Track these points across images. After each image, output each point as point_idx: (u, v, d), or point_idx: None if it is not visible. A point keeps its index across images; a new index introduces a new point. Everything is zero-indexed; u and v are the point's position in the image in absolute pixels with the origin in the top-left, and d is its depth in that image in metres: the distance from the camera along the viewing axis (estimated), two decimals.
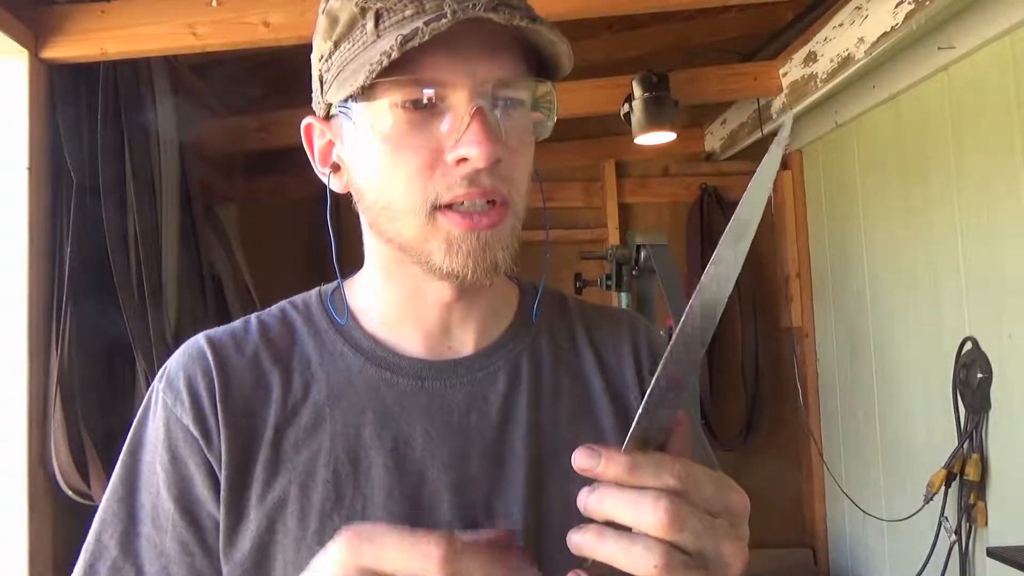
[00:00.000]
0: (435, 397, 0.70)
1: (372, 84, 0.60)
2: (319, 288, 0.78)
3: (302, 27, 1.93)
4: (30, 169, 1.88)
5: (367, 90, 0.61)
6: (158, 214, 2.22)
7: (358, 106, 0.63)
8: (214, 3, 1.96)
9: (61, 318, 1.90)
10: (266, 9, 1.96)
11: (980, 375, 2.12)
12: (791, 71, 2.66)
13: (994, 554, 1.88)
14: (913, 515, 2.42)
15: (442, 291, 0.69)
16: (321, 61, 0.68)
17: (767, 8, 2.89)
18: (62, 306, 1.90)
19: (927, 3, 1.87)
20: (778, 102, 2.82)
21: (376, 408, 0.69)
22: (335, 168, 0.71)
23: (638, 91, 2.64)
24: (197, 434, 0.67)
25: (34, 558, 1.81)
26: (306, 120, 0.72)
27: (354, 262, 0.76)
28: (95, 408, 1.96)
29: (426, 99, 0.61)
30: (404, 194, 0.63)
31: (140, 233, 2.10)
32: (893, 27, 2.02)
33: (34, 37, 1.94)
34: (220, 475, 0.66)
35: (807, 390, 3.31)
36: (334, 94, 0.65)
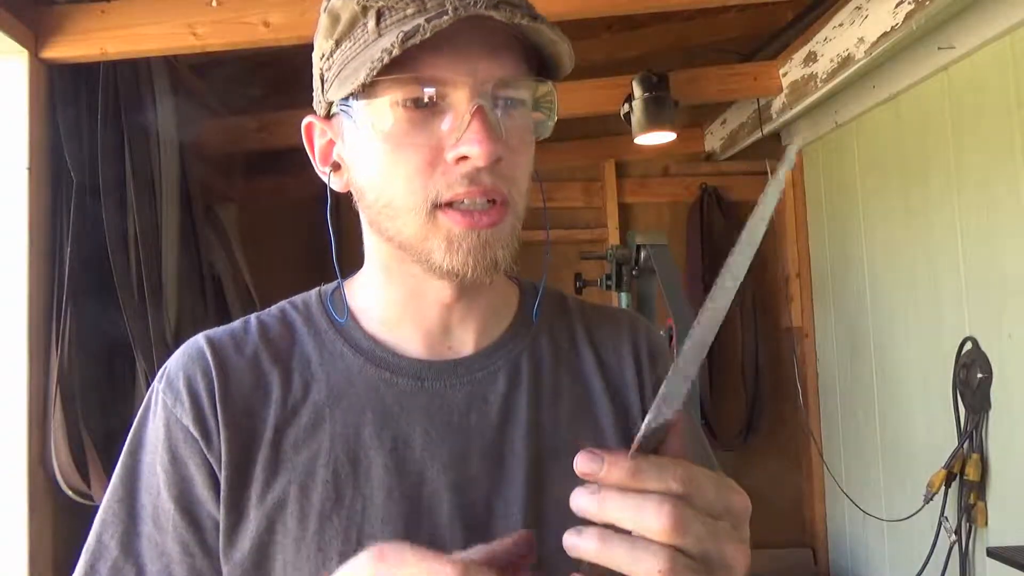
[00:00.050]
0: (435, 397, 0.70)
1: (373, 82, 0.60)
2: (319, 288, 0.78)
3: (302, 27, 1.93)
4: (30, 169, 1.88)
5: (368, 88, 0.61)
6: (158, 214, 2.22)
7: (359, 104, 0.63)
8: (214, 3, 1.96)
9: (61, 318, 1.90)
10: (266, 9, 1.96)
11: (980, 375, 2.12)
12: (791, 71, 2.66)
13: (994, 554, 1.88)
14: (913, 515, 2.42)
15: (442, 291, 0.69)
16: (322, 60, 0.68)
17: (767, 8, 2.88)
18: (62, 306, 1.90)
19: (927, 3, 1.87)
20: (778, 102, 2.82)
21: (376, 408, 0.69)
22: (335, 167, 0.71)
23: (638, 91, 2.64)
24: (197, 434, 0.67)
25: (34, 558, 1.80)
26: (307, 119, 0.72)
27: (354, 262, 0.75)
28: (95, 408, 1.96)
29: (427, 97, 0.61)
30: (404, 192, 0.63)
31: (140, 233, 2.10)
32: (893, 27, 2.02)
33: (34, 37, 1.94)
34: (220, 475, 0.66)
35: (807, 390, 3.30)
36: (335, 92, 0.65)
